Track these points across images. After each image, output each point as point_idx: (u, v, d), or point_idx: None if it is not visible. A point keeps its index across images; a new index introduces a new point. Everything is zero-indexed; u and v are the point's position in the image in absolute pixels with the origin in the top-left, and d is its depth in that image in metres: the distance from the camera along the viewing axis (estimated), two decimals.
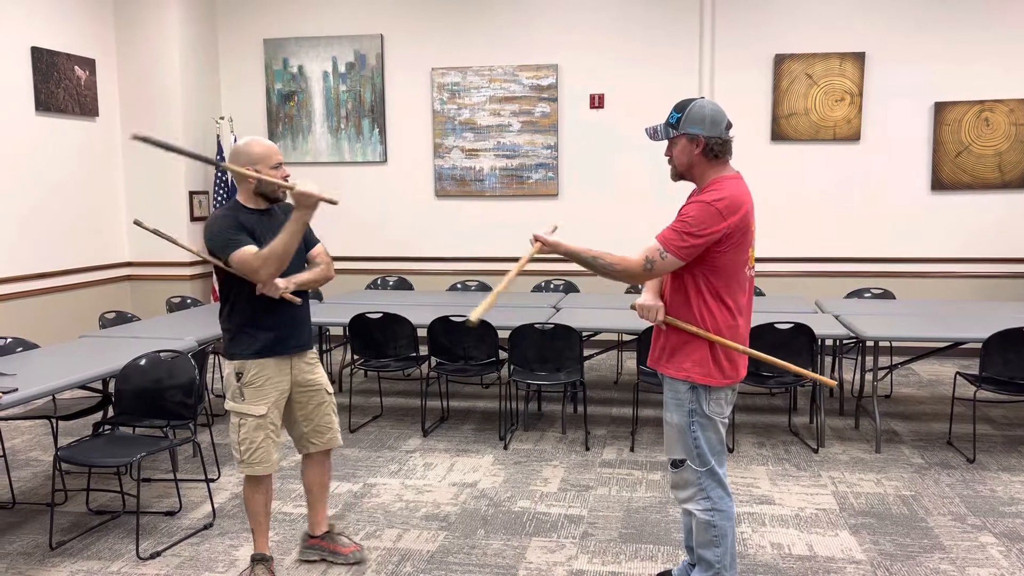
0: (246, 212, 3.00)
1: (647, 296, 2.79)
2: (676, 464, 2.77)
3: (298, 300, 3.05)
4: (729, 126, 2.65)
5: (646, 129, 2.76)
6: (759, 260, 6.98)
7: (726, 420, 2.75)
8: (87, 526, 3.72)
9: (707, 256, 2.59)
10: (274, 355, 3.05)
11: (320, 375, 3.22)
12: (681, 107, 2.65)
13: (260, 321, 3.01)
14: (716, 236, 2.55)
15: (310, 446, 3.23)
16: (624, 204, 7.30)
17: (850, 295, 6.17)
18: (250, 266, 2.86)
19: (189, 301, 5.85)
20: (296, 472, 4.30)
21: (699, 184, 2.70)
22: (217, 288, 3.14)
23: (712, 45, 7.06)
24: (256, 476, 3.08)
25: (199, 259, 7.47)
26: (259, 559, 3.15)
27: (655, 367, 2.81)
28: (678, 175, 2.74)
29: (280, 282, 2.96)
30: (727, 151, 2.65)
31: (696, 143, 2.62)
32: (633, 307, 2.80)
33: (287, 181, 2.95)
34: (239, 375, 3.03)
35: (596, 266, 2.63)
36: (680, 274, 2.67)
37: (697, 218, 2.55)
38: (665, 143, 2.73)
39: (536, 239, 2.67)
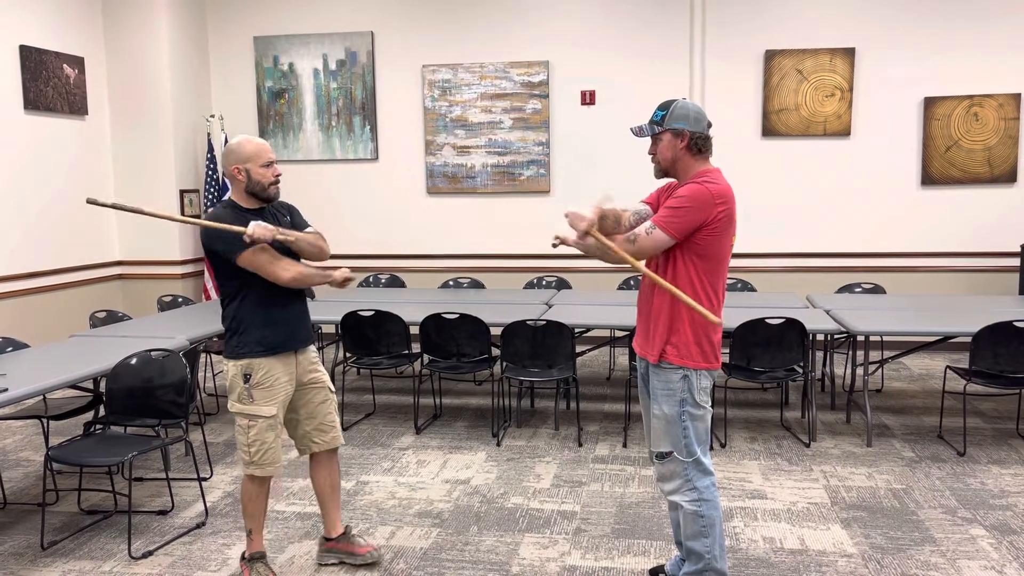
0: (241, 211, 3.01)
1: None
2: (661, 456, 2.80)
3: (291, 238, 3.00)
4: (709, 125, 2.75)
5: (631, 128, 2.84)
6: (750, 255, 7.00)
7: (711, 409, 2.80)
8: (79, 526, 3.71)
9: (697, 241, 2.65)
10: (283, 352, 3.03)
11: (323, 372, 3.23)
12: (665, 106, 2.75)
13: (270, 316, 3.00)
14: (706, 217, 2.62)
15: (313, 445, 3.21)
16: (615, 201, 7.29)
17: (841, 290, 6.19)
18: (265, 270, 2.94)
19: (180, 300, 5.84)
20: (288, 470, 4.30)
21: (682, 179, 2.78)
22: (215, 285, 3.12)
23: (703, 41, 7.07)
24: (262, 476, 3.07)
25: (191, 258, 7.45)
26: (259, 557, 3.15)
27: (643, 355, 2.84)
28: (662, 172, 2.82)
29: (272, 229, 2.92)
30: (709, 148, 2.74)
31: (681, 138, 2.71)
32: (566, 215, 2.67)
33: (277, 188, 3.06)
34: (247, 376, 2.99)
35: (604, 252, 2.70)
36: (671, 261, 2.71)
37: (690, 197, 2.63)
38: (649, 142, 2.80)
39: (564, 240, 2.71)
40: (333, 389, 3.26)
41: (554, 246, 2.71)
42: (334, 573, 3.24)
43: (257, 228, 2.86)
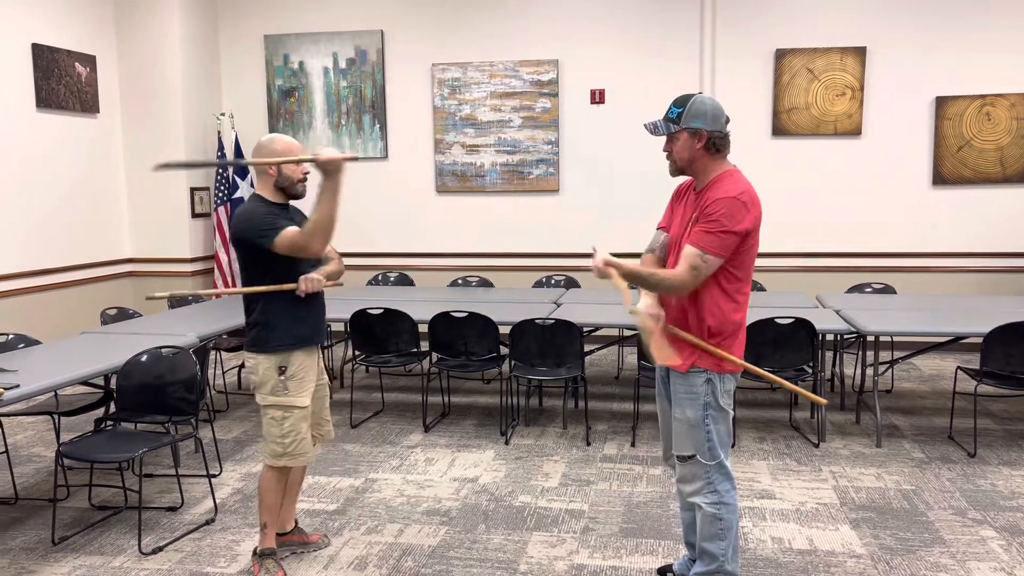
0: (268, 205, 3.07)
1: (649, 302, 2.73)
2: (683, 458, 2.76)
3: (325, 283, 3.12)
4: (727, 121, 2.67)
5: (645, 124, 2.76)
6: (760, 255, 6.95)
7: (733, 412, 2.77)
8: (89, 521, 3.74)
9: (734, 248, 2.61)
10: (311, 345, 3.13)
11: (322, 367, 3.32)
12: (681, 102, 2.65)
13: (299, 311, 3.08)
14: (747, 228, 2.60)
15: (312, 438, 3.27)
16: (624, 200, 7.30)
17: (851, 290, 6.17)
18: (298, 244, 2.91)
19: (190, 298, 5.86)
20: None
21: (700, 178, 2.71)
22: (242, 282, 3.15)
23: (713, 40, 7.05)
24: (282, 469, 3.13)
25: (201, 256, 7.48)
26: (269, 553, 3.17)
27: (667, 363, 2.75)
28: (678, 170, 2.74)
29: (315, 275, 3.05)
30: (727, 145, 2.67)
31: (698, 137, 2.64)
32: (633, 313, 2.67)
33: (304, 186, 3.09)
34: (282, 368, 3.06)
35: (651, 283, 2.66)
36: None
37: (728, 214, 2.57)
38: (663, 139, 2.72)
39: (604, 268, 2.63)
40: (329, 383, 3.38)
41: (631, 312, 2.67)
42: (340, 571, 3.25)
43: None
